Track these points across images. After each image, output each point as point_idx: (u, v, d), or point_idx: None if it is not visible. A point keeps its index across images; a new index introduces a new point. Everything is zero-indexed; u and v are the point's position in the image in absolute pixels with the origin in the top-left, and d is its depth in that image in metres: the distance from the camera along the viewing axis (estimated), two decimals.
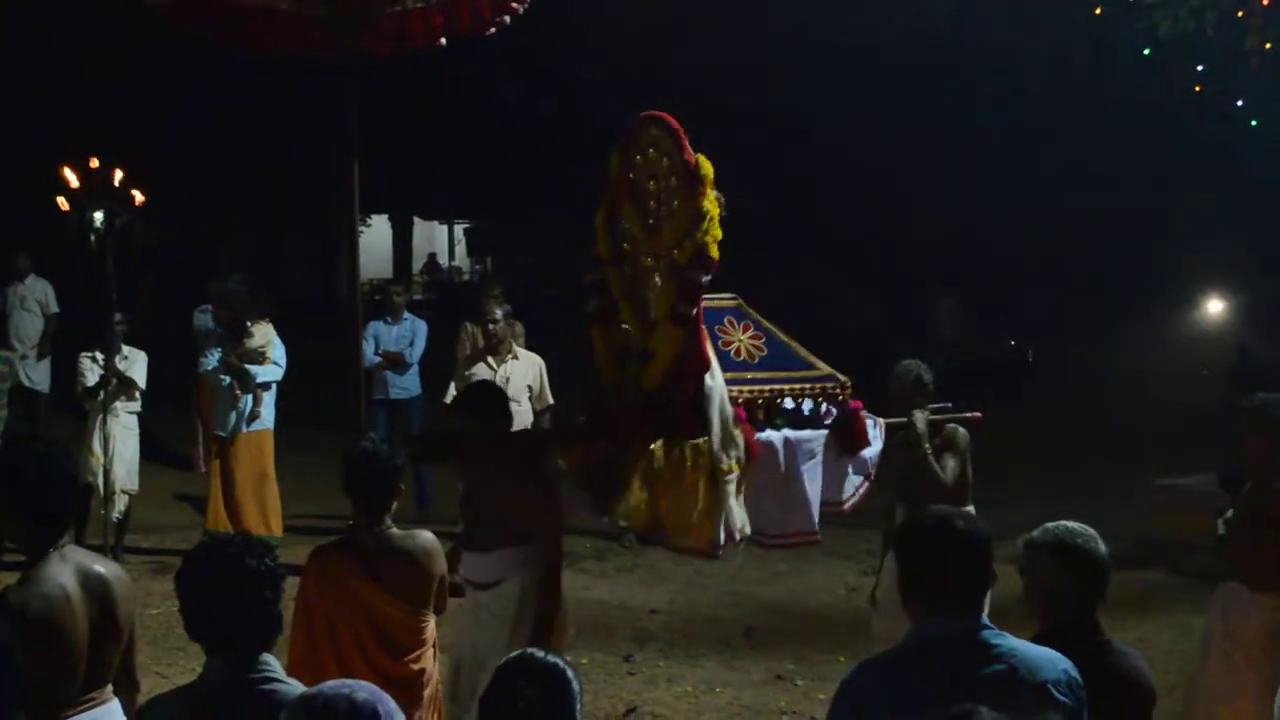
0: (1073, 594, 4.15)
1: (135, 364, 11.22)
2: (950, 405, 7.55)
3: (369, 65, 6.46)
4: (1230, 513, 6.48)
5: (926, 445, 7.11)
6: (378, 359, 12.67)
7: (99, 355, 10.87)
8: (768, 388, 6.47)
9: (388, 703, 3.10)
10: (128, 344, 11.26)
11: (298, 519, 11.51)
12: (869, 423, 6.86)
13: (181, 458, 14.69)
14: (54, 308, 14.61)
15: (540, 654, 3.43)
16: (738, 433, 6.09)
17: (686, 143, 6.10)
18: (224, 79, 18.24)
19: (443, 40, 6.70)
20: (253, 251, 20.91)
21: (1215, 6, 10.37)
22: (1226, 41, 10.71)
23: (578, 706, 3.37)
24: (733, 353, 6.53)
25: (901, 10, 17.14)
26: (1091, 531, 4.23)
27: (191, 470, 14.30)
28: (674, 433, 6.03)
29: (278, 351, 11.27)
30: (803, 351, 6.75)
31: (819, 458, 6.52)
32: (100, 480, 10.61)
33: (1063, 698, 3.60)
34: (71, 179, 9.27)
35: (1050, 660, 3.64)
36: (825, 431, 6.54)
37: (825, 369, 6.71)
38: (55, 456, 4.25)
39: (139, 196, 9.53)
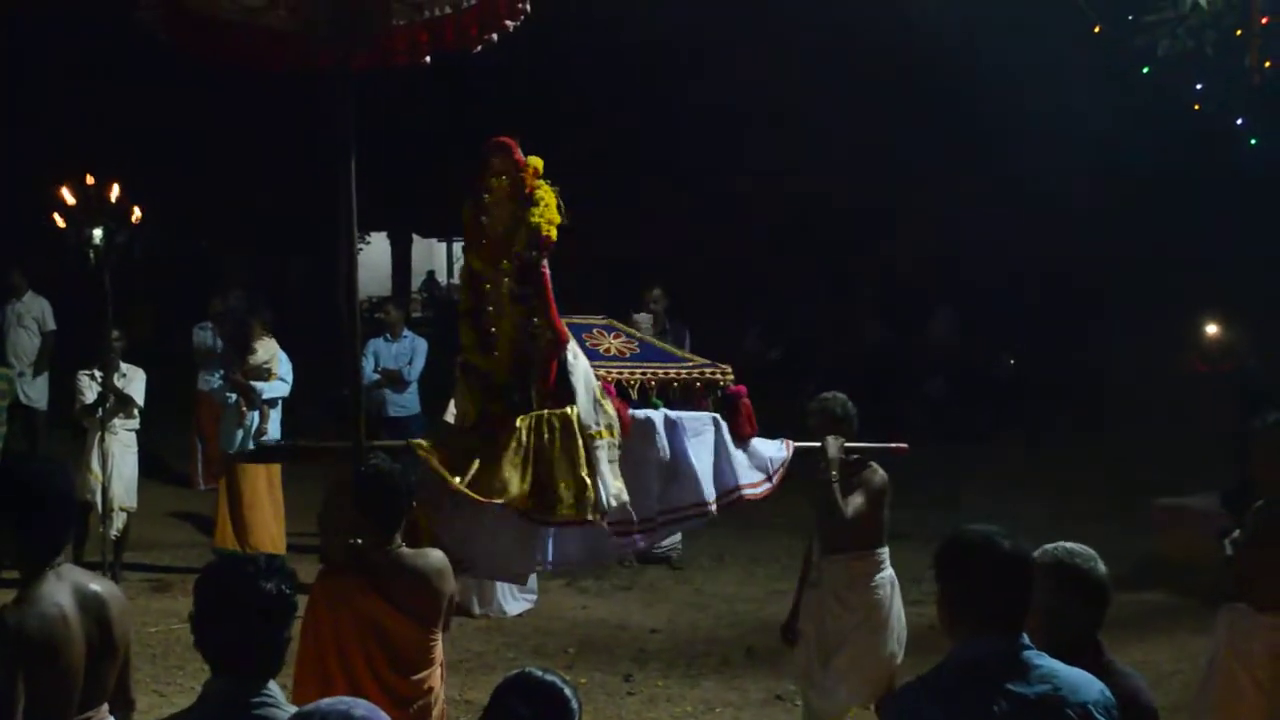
0: (1073, 615, 4.16)
1: (134, 381, 11.22)
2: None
3: (366, 82, 6.43)
4: (1237, 533, 6.44)
5: (834, 472, 6.86)
6: (376, 377, 12.67)
7: (97, 373, 10.87)
8: (639, 373, 6.43)
9: None
10: (126, 361, 11.25)
11: (297, 536, 11.49)
12: (776, 442, 6.84)
13: (180, 475, 14.67)
14: (51, 325, 14.58)
15: (538, 673, 3.41)
16: (606, 402, 6.06)
17: (517, 148, 6.12)
18: (221, 94, 18.26)
19: (426, 58, 6.67)
20: (250, 269, 20.92)
21: (1215, 25, 10.36)
22: (1226, 60, 10.71)
23: None
24: (602, 349, 6.52)
25: (897, 22, 17.12)
26: (1091, 552, 4.22)
27: (190, 488, 14.30)
28: (540, 406, 5.96)
29: (284, 367, 11.29)
30: (680, 352, 6.77)
31: (706, 436, 6.44)
32: (99, 498, 10.60)
33: (1102, 719, 3.61)
34: (68, 197, 9.25)
35: (1088, 682, 3.65)
36: (709, 414, 6.50)
37: (704, 361, 6.70)
38: (52, 475, 4.22)
39: (136, 213, 9.52)
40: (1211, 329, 20.58)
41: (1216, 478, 11.45)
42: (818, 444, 6.92)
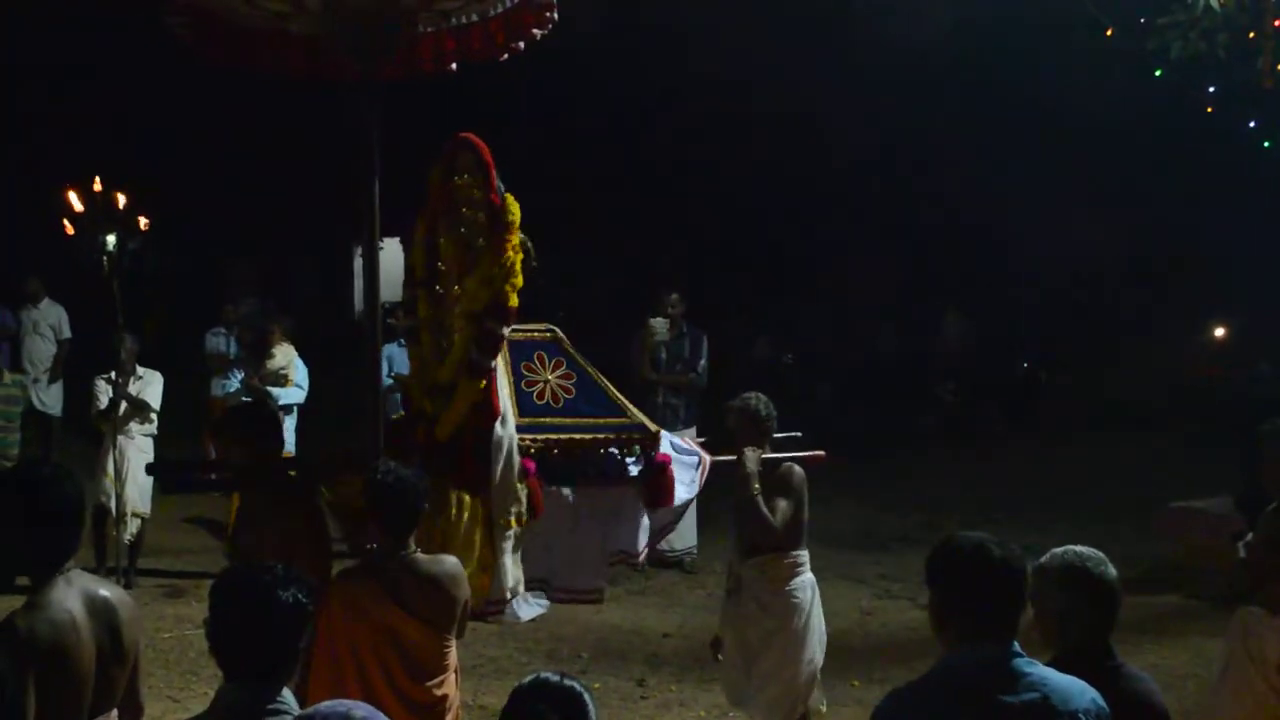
0: (1084, 619, 4.13)
1: (150, 385, 11.21)
2: (799, 435, 7.23)
3: (383, 87, 6.43)
4: (1250, 535, 6.43)
5: (756, 486, 6.76)
6: (390, 381, 12.67)
7: (115, 376, 10.89)
8: (566, 435, 6.36)
9: None
10: (142, 365, 11.25)
11: None
12: (690, 460, 6.79)
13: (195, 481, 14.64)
14: (66, 333, 14.65)
15: (555, 678, 3.42)
16: (522, 488, 6.04)
17: (495, 179, 6.11)
18: (235, 100, 18.31)
19: (453, 66, 6.69)
20: (262, 274, 20.97)
21: (1227, 28, 10.35)
22: (1238, 62, 10.70)
23: None
24: (535, 395, 6.45)
25: (907, 30, 17.13)
26: (1101, 555, 4.20)
27: (203, 493, 14.29)
28: (452, 477, 5.93)
29: (300, 374, 11.31)
30: (614, 394, 6.63)
31: (617, 512, 6.45)
32: (113, 503, 10.61)
33: None
34: (76, 203, 9.27)
35: (1080, 690, 3.63)
36: (626, 486, 6.47)
37: (636, 416, 6.61)
38: (62, 481, 4.23)
39: (144, 221, 9.53)
40: (1221, 332, 20.57)
41: (1229, 480, 11.45)
42: (733, 456, 6.85)
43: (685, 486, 6.74)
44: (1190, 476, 13.36)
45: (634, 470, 6.52)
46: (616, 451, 6.49)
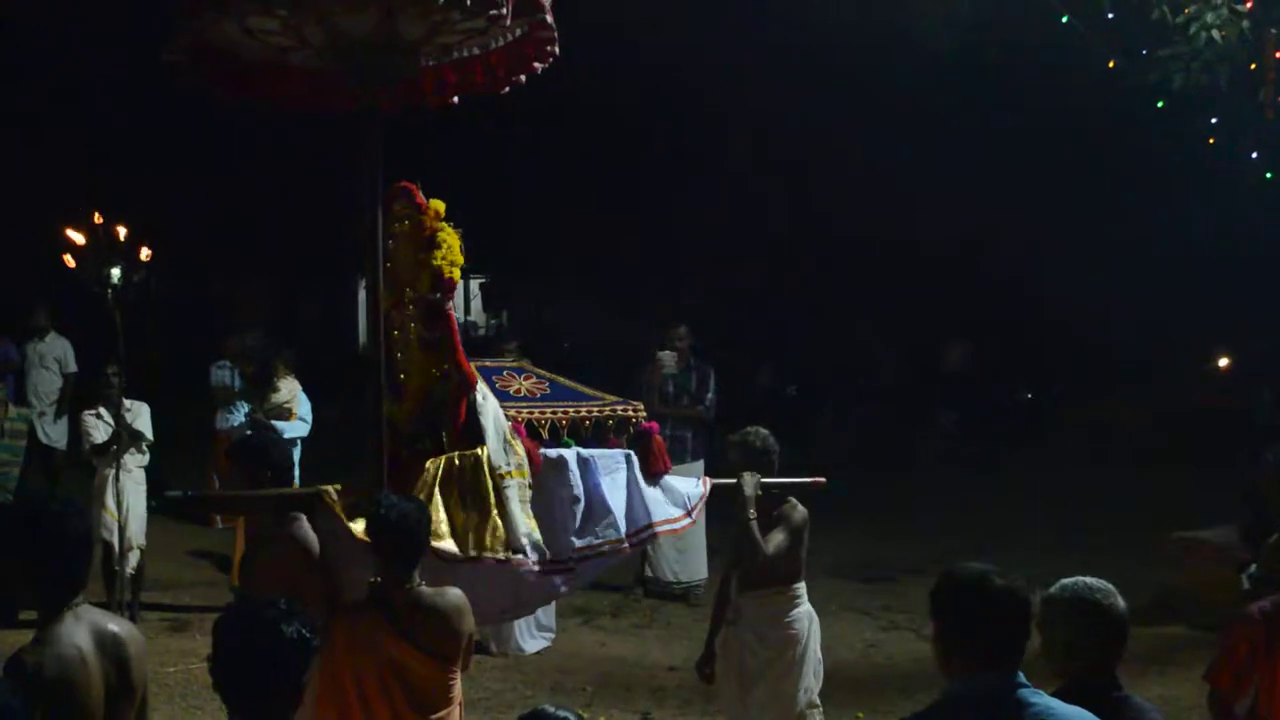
0: (1092, 649, 4.14)
1: (140, 416, 11.19)
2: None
3: (384, 117, 6.45)
4: (1254, 567, 6.42)
5: (751, 511, 6.72)
6: None
7: (103, 411, 10.90)
8: (550, 412, 6.47)
9: None
10: (127, 397, 11.25)
11: None
12: (692, 480, 6.88)
13: (198, 513, 14.64)
14: (72, 367, 14.63)
15: (551, 709, 3.43)
16: (516, 442, 6.09)
17: (418, 191, 6.21)
18: (238, 130, 18.40)
19: (455, 99, 6.73)
20: (265, 303, 21.05)
21: (1229, 60, 10.38)
22: (1240, 94, 10.73)
23: None
24: (512, 391, 6.54)
25: (908, 62, 17.21)
26: (1110, 587, 4.22)
27: (208, 526, 14.28)
28: (451, 450, 6.01)
29: (304, 407, 11.30)
30: (589, 390, 6.76)
31: (619, 475, 6.47)
32: (116, 537, 10.60)
33: None
34: (76, 238, 9.28)
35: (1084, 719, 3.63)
36: (621, 451, 6.53)
37: (615, 399, 6.74)
38: (69, 516, 4.23)
39: (146, 252, 9.54)
40: (1224, 361, 20.59)
41: (1234, 510, 11.43)
42: (732, 480, 6.85)
43: (692, 484, 6.85)
44: (1194, 506, 13.33)
45: (623, 444, 6.62)
46: (602, 424, 6.60)
